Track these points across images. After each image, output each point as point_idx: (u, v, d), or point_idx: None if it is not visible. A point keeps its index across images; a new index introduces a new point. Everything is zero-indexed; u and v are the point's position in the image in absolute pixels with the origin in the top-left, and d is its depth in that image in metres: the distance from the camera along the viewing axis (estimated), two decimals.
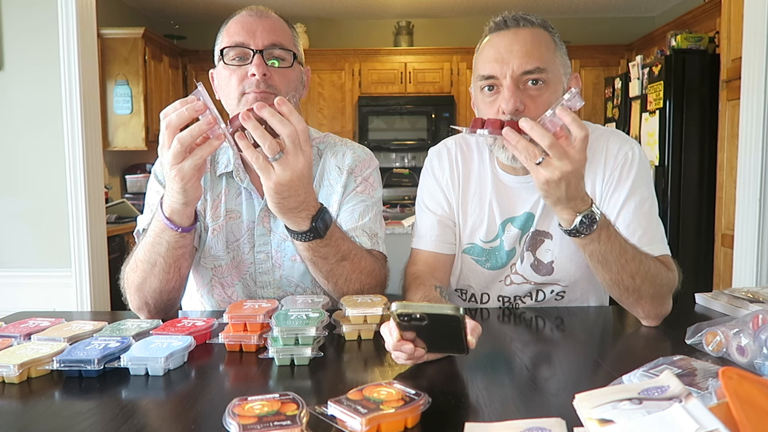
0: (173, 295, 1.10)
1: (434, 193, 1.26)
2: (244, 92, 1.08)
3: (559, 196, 0.91)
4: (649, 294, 1.00)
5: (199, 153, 0.90)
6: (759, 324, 0.81)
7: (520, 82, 1.04)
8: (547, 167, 0.88)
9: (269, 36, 1.10)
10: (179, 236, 1.01)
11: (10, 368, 0.77)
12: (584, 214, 0.93)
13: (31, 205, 2.35)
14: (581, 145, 0.88)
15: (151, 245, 1.03)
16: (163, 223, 1.00)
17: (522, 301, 1.24)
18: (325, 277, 1.07)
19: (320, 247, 1.02)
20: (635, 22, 5.15)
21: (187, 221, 1.01)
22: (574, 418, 0.56)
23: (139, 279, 1.06)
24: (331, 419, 0.61)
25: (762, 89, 2.32)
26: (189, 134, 0.89)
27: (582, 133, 0.88)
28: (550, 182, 0.89)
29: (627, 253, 0.98)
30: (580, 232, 0.94)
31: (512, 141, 0.90)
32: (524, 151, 0.89)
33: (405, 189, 5.14)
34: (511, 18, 1.08)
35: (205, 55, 4.88)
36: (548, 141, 0.87)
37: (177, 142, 0.89)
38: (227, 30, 1.13)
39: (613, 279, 0.99)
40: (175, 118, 0.89)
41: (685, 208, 3.40)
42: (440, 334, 0.77)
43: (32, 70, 2.31)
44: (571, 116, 0.88)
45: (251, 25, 1.10)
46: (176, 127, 0.89)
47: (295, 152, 0.89)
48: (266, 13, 1.14)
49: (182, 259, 1.06)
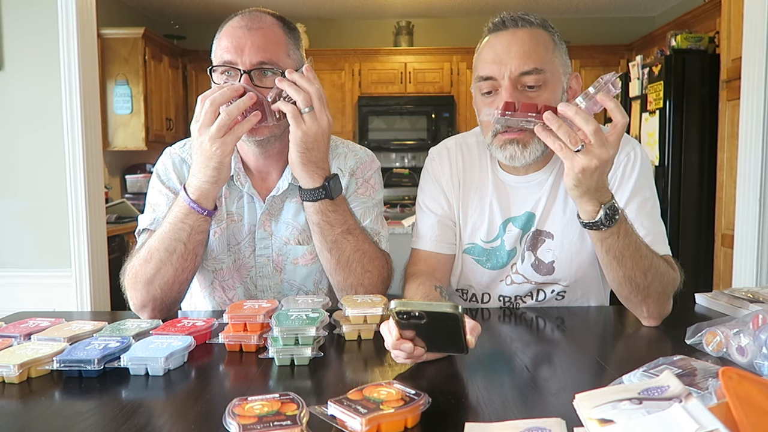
0: (183, 288, 1.11)
1: (434, 193, 1.26)
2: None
3: (589, 186, 0.89)
4: (657, 292, 1.00)
5: (240, 128, 0.99)
6: (759, 324, 0.81)
7: (518, 83, 1.04)
8: (587, 154, 0.85)
9: (258, 53, 1.07)
10: (203, 220, 1.05)
11: (10, 368, 0.77)
12: (608, 205, 0.92)
13: (31, 205, 2.35)
14: (621, 132, 0.87)
15: (171, 232, 1.05)
16: (189, 206, 1.04)
17: (522, 301, 1.24)
18: (329, 249, 1.09)
19: (329, 211, 1.07)
20: (635, 22, 5.15)
21: (212, 204, 1.06)
22: (574, 418, 0.56)
23: (153, 270, 1.06)
24: (331, 419, 0.61)
25: (762, 89, 2.32)
26: (236, 107, 0.98)
27: (624, 120, 0.86)
28: (586, 171, 0.86)
29: (641, 250, 0.97)
30: (603, 224, 0.93)
31: (554, 125, 0.87)
32: (566, 136, 0.86)
33: (405, 189, 5.14)
34: (509, 18, 1.07)
35: (205, 55, 4.86)
36: (593, 127, 0.85)
37: (225, 114, 0.97)
38: (218, 42, 1.10)
39: (626, 275, 0.98)
40: (219, 96, 0.98)
41: (685, 208, 3.40)
42: (439, 333, 0.77)
43: (32, 70, 2.31)
44: (614, 102, 0.86)
45: (240, 40, 1.07)
46: (220, 103, 0.98)
47: (321, 108, 1.02)
48: (258, 22, 1.09)
49: (200, 246, 1.09)
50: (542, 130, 0.89)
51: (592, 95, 0.87)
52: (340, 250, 1.09)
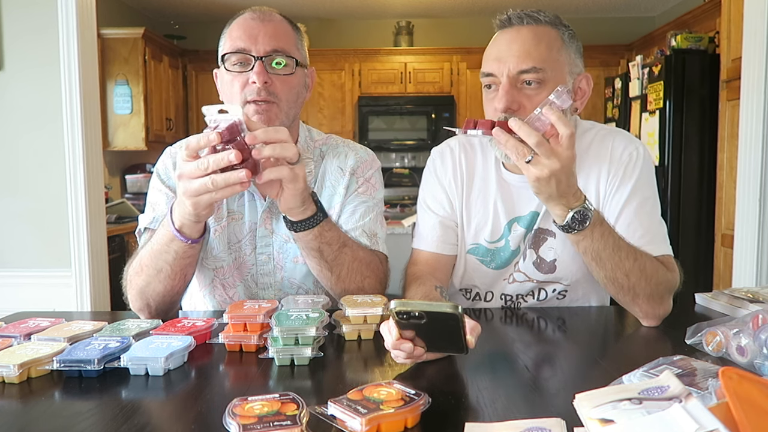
0: (176, 298, 1.11)
1: (436, 193, 1.25)
2: (247, 100, 1.09)
3: (550, 193, 0.93)
4: (646, 293, 1.00)
5: (218, 194, 0.89)
6: (759, 324, 0.81)
7: (517, 81, 1.04)
8: (537, 165, 0.90)
9: (271, 42, 1.09)
10: (188, 247, 1.02)
11: (10, 368, 0.77)
12: (576, 210, 0.95)
13: (31, 206, 2.35)
14: (568, 142, 0.90)
15: (158, 252, 1.03)
16: (172, 233, 1.00)
17: (524, 300, 1.24)
18: (329, 267, 1.08)
19: (326, 231, 1.04)
20: (635, 22, 5.15)
21: (197, 234, 1.02)
22: (574, 418, 0.56)
23: (143, 283, 1.06)
24: (331, 419, 0.61)
25: (762, 89, 2.32)
26: (224, 180, 0.87)
27: (567, 131, 0.90)
28: (540, 180, 0.91)
29: (621, 251, 0.99)
30: (573, 227, 0.96)
31: (501, 140, 0.92)
32: (513, 149, 0.92)
33: (405, 189, 5.14)
34: (515, 15, 1.08)
35: (205, 55, 4.89)
36: (534, 140, 0.89)
37: (209, 181, 0.87)
38: (230, 33, 1.12)
39: (607, 276, 1.01)
40: (195, 142, 0.87)
41: (685, 208, 3.40)
42: (439, 333, 0.77)
43: (32, 71, 2.31)
44: (557, 114, 0.90)
45: (253, 29, 1.09)
46: (195, 150, 0.88)
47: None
48: (269, 15, 1.13)
49: (189, 267, 1.07)
50: (498, 143, 0.94)
51: (550, 102, 0.92)
52: (340, 266, 1.08)
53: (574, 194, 0.95)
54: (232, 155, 0.86)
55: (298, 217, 1.01)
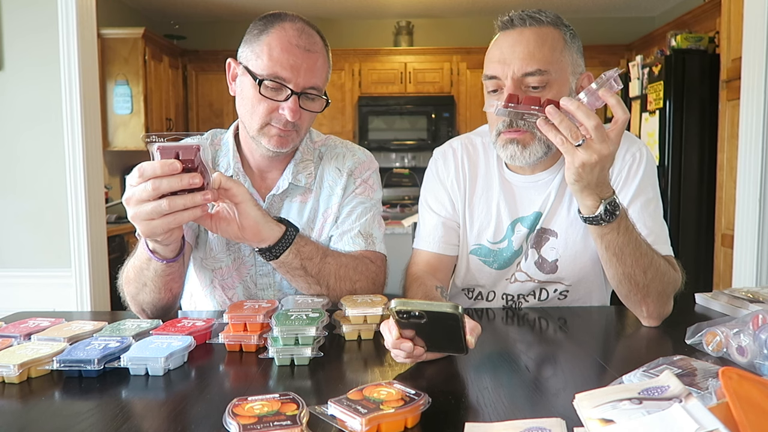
0: (169, 305, 1.11)
1: (438, 194, 1.25)
2: (269, 123, 1.08)
3: (590, 181, 0.89)
4: (657, 291, 1.00)
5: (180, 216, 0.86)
6: (759, 324, 0.81)
7: (521, 83, 1.04)
8: (587, 149, 0.86)
9: (311, 79, 1.07)
10: (166, 266, 1.00)
11: (10, 368, 0.77)
12: (609, 201, 0.92)
13: (31, 205, 2.35)
14: (622, 128, 0.87)
15: (140, 269, 1.02)
16: (148, 254, 0.98)
17: (525, 300, 1.24)
18: (317, 281, 1.07)
19: (302, 246, 1.04)
20: (635, 22, 5.15)
21: (172, 254, 0.99)
22: (574, 418, 0.56)
23: (134, 291, 1.07)
24: (331, 419, 0.61)
25: (762, 89, 2.32)
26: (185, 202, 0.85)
27: (625, 116, 0.87)
28: (586, 165, 0.86)
29: (641, 247, 0.97)
30: (603, 219, 0.93)
31: (556, 119, 0.87)
32: (567, 130, 0.86)
33: (405, 189, 5.14)
34: (517, 16, 1.07)
35: (205, 55, 4.89)
36: (594, 122, 0.85)
37: (166, 204, 0.84)
38: (269, 48, 1.05)
39: (625, 272, 0.98)
40: (151, 170, 0.84)
41: (685, 208, 3.40)
42: (439, 333, 0.77)
43: (32, 70, 2.31)
44: (616, 98, 0.87)
45: (297, 58, 1.05)
46: (150, 177, 0.84)
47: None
48: (312, 42, 1.09)
49: (173, 282, 1.06)
50: (544, 124, 0.89)
51: (594, 91, 0.87)
52: (327, 277, 1.08)
53: (607, 185, 0.92)
54: (197, 179, 0.83)
55: (272, 240, 1.00)
